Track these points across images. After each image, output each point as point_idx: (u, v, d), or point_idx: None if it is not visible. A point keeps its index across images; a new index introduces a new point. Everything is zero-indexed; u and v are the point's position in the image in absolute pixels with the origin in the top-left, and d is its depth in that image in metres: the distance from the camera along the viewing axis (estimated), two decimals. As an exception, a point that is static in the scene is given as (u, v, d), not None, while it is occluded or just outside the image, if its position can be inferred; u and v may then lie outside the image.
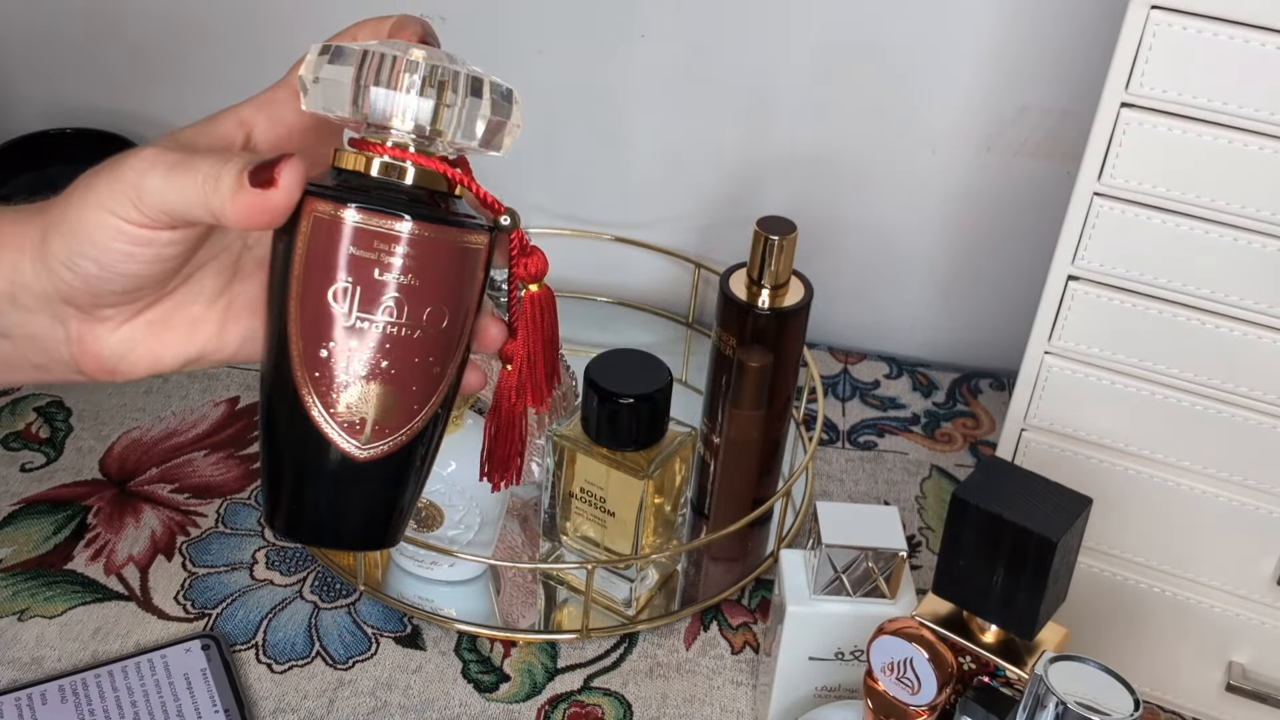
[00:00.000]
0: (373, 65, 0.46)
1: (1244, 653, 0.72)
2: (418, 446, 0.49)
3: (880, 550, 0.65)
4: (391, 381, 0.47)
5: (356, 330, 0.46)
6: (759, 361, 0.77)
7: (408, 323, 0.47)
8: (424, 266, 0.46)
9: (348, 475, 0.47)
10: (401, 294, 0.46)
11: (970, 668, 0.60)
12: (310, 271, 0.46)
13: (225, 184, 0.45)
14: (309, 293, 0.46)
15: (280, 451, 0.48)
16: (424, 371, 0.48)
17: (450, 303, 0.47)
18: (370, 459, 0.47)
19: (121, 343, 0.50)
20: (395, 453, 0.48)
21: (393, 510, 0.49)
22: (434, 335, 0.47)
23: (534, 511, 0.84)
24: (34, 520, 0.82)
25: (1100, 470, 0.70)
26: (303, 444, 0.47)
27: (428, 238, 0.46)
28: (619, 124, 0.98)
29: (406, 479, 0.49)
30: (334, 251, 0.46)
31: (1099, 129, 0.64)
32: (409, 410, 0.48)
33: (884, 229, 0.99)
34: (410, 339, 0.47)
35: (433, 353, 0.48)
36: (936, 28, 0.90)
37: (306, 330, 0.46)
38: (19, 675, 0.72)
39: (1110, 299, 0.67)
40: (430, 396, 0.48)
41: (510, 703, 0.73)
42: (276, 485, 0.49)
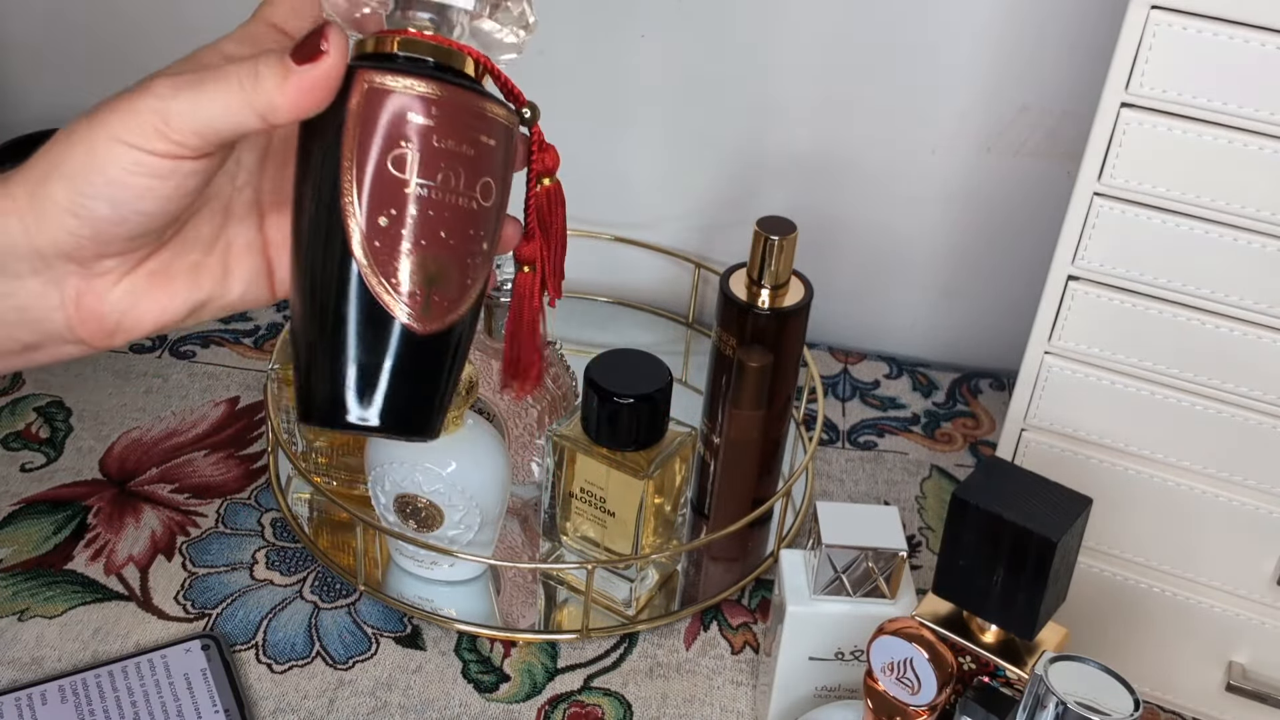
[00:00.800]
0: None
1: (1244, 653, 0.72)
2: (465, 326, 0.48)
3: (880, 550, 0.65)
4: (449, 252, 0.46)
5: (418, 197, 0.46)
6: (759, 361, 0.77)
7: (464, 191, 0.46)
8: (473, 135, 0.46)
9: (406, 349, 0.46)
10: (456, 161, 0.46)
11: (970, 668, 0.60)
12: (366, 141, 0.45)
13: (268, 76, 0.43)
14: (368, 161, 0.45)
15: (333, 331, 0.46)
16: (476, 245, 0.47)
17: (497, 178, 0.48)
18: (427, 333, 0.47)
19: (124, 297, 0.48)
20: (448, 330, 0.47)
21: (438, 395, 0.48)
22: (485, 209, 0.47)
23: (534, 511, 0.84)
24: (34, 520, 0.82)
25: (1100, 470, 0.70)
26: (362, 321, 0.46)
27: (475, 107, 0.46)
28: (619, 124, 0.98)
29: (454, 361, 0.48)
30: (392, 119, 0.45)
31: (1099, 129, 0.64)
32: (463, 284, 0.47)
33: (884, 229, 0.99)
34: (467, 209, 0.47)
35: (483, 226, 0.47)
36: (936, 28, 0.90)
37: (368, 199, 0.45)
38: (19, 675, 0.72)
39: (1110, 299, 0.67)
40: (478, 274, 0.48)
41: (510, 703, 0.73)
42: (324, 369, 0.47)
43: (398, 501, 0.75)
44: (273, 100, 0.43)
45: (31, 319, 0.48)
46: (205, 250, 0.50)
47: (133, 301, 0.48)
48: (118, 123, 0.44)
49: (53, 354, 0.49)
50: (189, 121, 0.44)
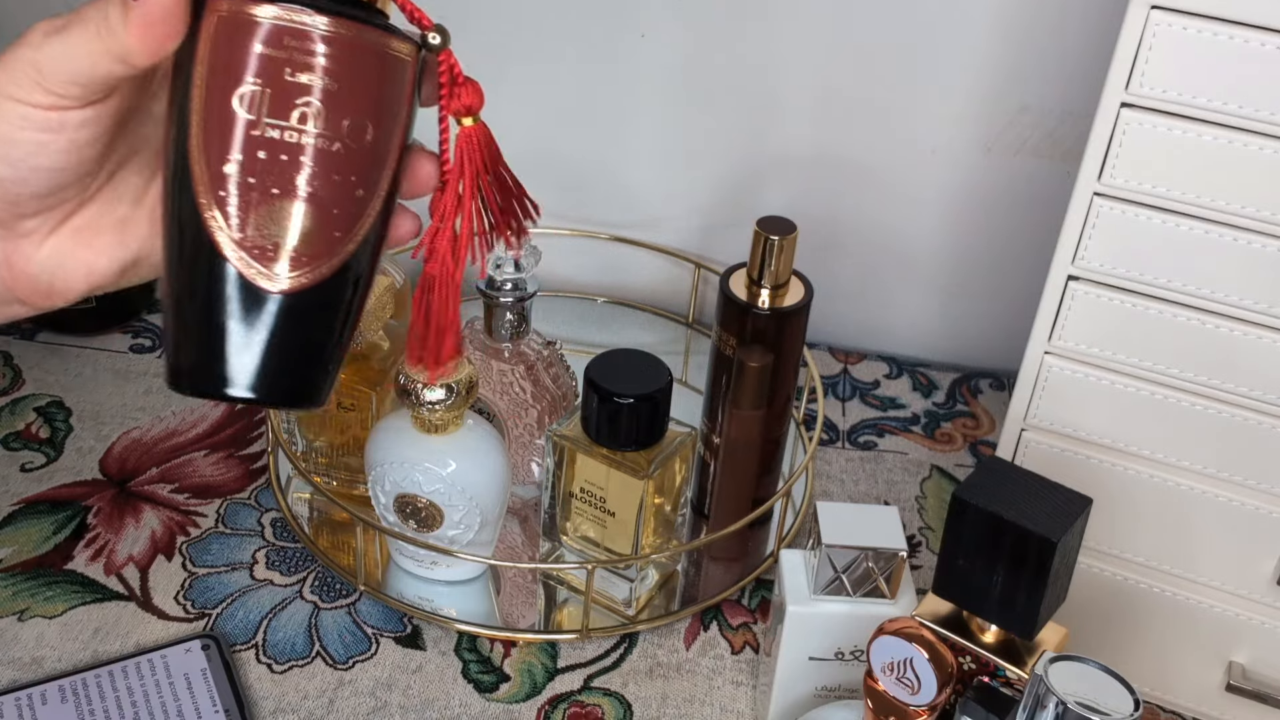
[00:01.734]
0: None
1: (1244, 652, 0.72)
2: (341, 283, 0.43)
3: (880, 550, 0.65)
4: (308, 201, 0.42)
5: (266, 140, 0.41)
6: (759, 361, 0.77)
7: (325, 133, 0.41)
8: (343, 70, 0.41)
9: (261, 311, 0.42)
10: (317, 99, 0.41)
11: (970, 668, 0.60)
12: (214, 75, 0.41)
13: (114, 17, 0.40)
14: (213, 99, 0.41)
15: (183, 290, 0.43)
16: (345, 193, 0.42)
17: (373, 116, 0.42)
18: (286, 292, 0.42)
19: (51, 256, 0.46)
20: (315, 287, 0.42)
21: (315, 359, 0.44)
22: (356, 151, 0.42)
23: (534, 511, 0.84)
24: (34, 520, 0.82)
25: (1100, 470, 0.70)
26: (208, 276, 0.42)
27: (347, 37, 0.41)
28: (619, 124, 0.98)
29: (330, 321, 0.43)
30: (240, 50, 0.41)
31: (1099, 129, 0.64)
32: (329, 238, 0.42)
33: (884, 229, 0.99)
34: (328, 152, 0.42)
35: (355, 171, 0.42)
36: (936, 28, 0.90)
37: (210, 142, 0.41)
38: (19, 675, 0.72)
39: (1110, 299, 0.67)
40: (354, 225, 0.43)
41: (510, 703, 0.73)
42: (181, 333, 0.43)
43: (398, 501, 0.75)
44: (124, 43, 0.41)
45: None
46: (133, 203, 0.47)
47: (60, 261, 0.46)
48: (4, 77, 0.42)
49: (4, 314, 0.48)
50: (60, 71, 0.41)
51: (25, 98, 0.42)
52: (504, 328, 0.81)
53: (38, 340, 0.96)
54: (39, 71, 0.41)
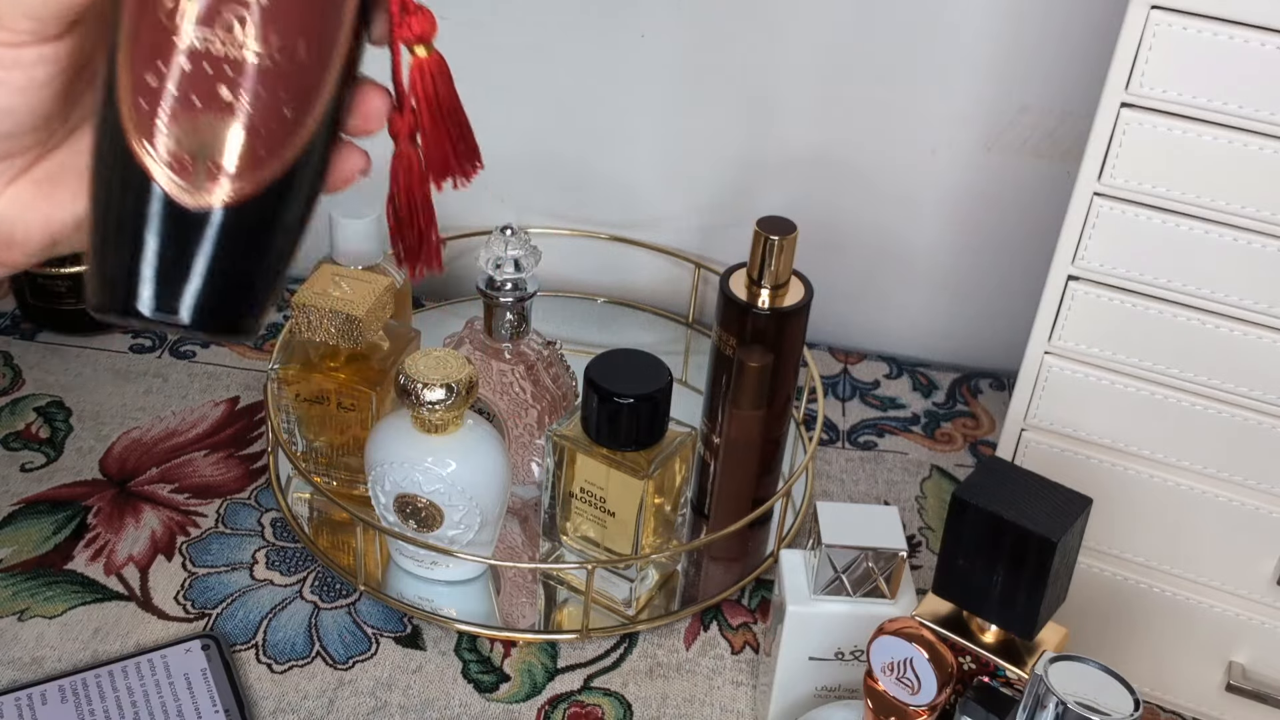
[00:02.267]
0: None
1: (1244, 652, 0.72)
2: (267, 205, 0.41)
3: (880, 550, 0.65)
4: (231, 114, 0.40)
5: (190, 51, 0.39)
6: (759, 361, 0.77)
7: (249, 45, 0.40)
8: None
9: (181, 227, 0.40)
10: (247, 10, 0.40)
11: (970, 668, 0.60)
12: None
13: None
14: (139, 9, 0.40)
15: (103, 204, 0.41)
16: (273, 111, 0.41)
17: (307, 34, 0.41)
18: (203, 207, 0.40)
19: (9, 206, 0.45)
20: (237, 205, 0.41)
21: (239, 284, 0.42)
22: (286, 68, 0.40)
23: (534, 511, 0.84)
24: (34, 520, 0.82)
25: (1100, 470, 0.70)
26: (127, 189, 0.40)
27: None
28: (619, 124, 0.98)
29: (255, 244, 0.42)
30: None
31: (1099, 129, 0.64)
32: (253, 156, 0.41)
33: (884, 229, 0.99)
34: (256, 67, 0.40)
35: (284, 88, 0.41)
36: (936, 28, 0.90)
37: (135, 52, 0.40)
38: (19, 675, 0.72)
39: (1110, 299, 0.67)
40: (282, 144, 0.41)
41: (510, 703, 0.73)
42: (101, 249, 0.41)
43: (398, 501, 0.75)
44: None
45: None
46: None
47: (19, 212, 0.45)
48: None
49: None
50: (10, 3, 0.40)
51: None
52: (504, 328, 0.81)
53: (38, 340, 0.96)
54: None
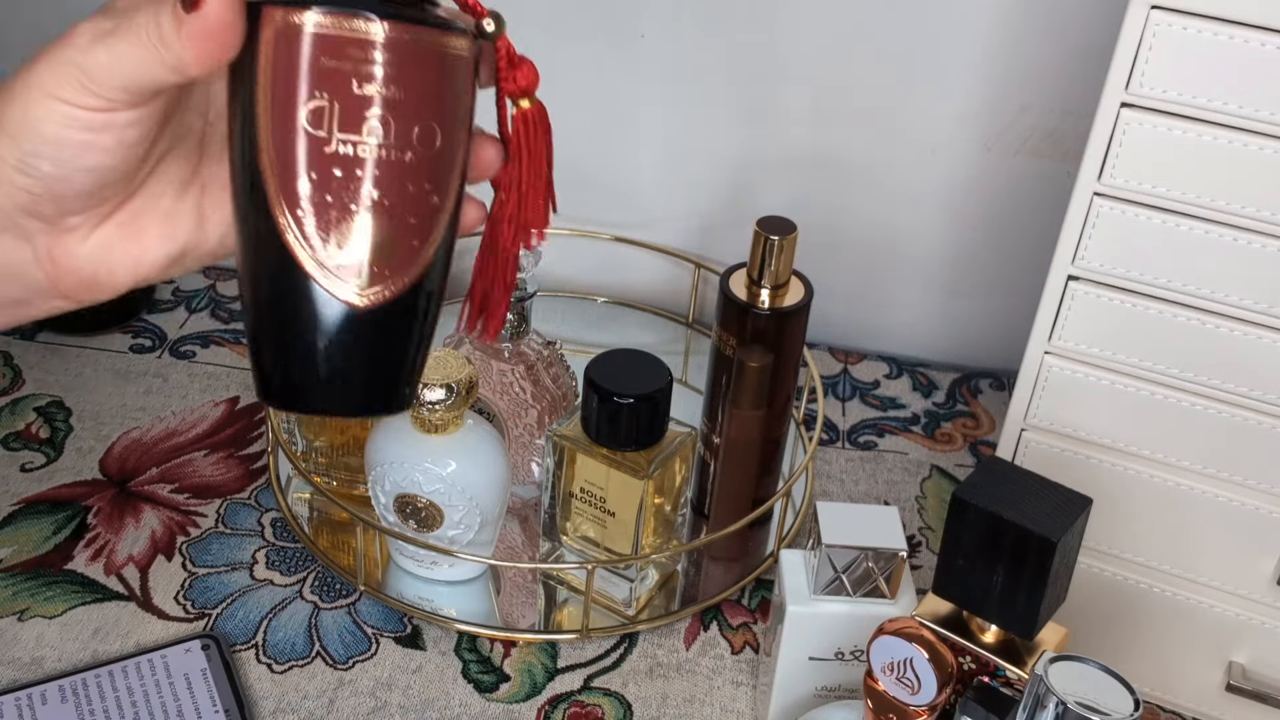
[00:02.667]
0: None
1: (1244, 652, 0.72)
2: (423, 290, 0.43)
3: (880, 550, 0.65)
4: (386, 214, 0.41)
5: (339, 156, 0.41)
6: (759, 361, 0.77)
7: (396, 143, 0.41)
8: (406, 76, 0.41)
9: (347, 327, 0.42)
10: (385, 109, 0.41)
11: (970, 668, 0.60)
12: (279, 90, 0.40)
13: (168, 28, 0.40)
14: (281, 115, 0.40)
15: (268, 310, 0.43)
16: (421, 201, 0.42)
17: (440, 119, 0.42)
18: (371, 306, 0.42)
19: (96, 250, 0.45)
20: (399, 297, 0.42)
21: (401, 366, 0.44)
22: (427, 157, 0.42)
23: (534, 511, 0.84)
24: (34, 520, 0.82)
25: (1100, 470, 0.70)
26: (292, 296, 0.42)
27: (407, 41, 0.41)
28: (619, 124, 0.98)
29: (414, 328, 0.43)
30: (304, 64, 0.40)
31: (1099, 129, 0.64)
32: (409, 248, 0.42)
33: (884, 229, 0.99)
34: (401, 162, 0.41)
35: (428, 178, 0.42)
36: (936, 27, 0.90)
37: (282, 159, 0.41)
38: (19, 675, 0.72)
39: (1110, 299, 0.67)
40: (431, 231, 0.43)
41: (510, 703, 0.73)
42: (267, 349, 0.43)
43: (398, 501, 0.75)
44: (178, 54, 0.40)
45: (12, 275, 0.46)
46: (178, 195, 0.47)
47: (104, 255, 0.46)
48: (48, 75, 0.41)
49: (44, 309, 0.47)
50: (110, 77, 0.41)
51: (72, 99, 0.41)
52: (504, 328, 0.81)
53: (38, 340, 0.96)
54: (87, 76, 0.41)
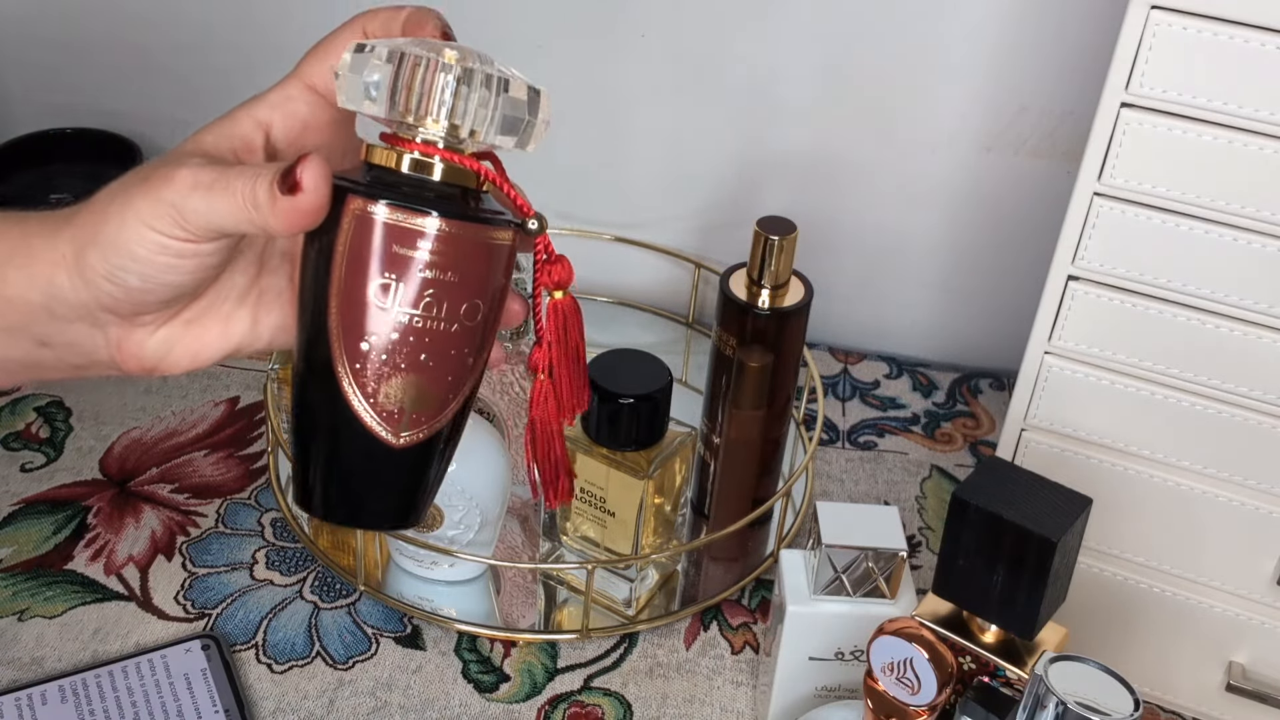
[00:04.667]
0: (408, 64, 0.47)
1: (1244, 653, 0.72)
2: (449, 433, 0.51)
3: (880, 550, 0.65)
4: (428, 373, 0.49)
5: (397, 325, 0.48)
6: (759, 361, 0.77)
7: (445, 317, 0.48)
8: (459, 263, 0.48)
9: (385, 461, 0.50)
10: (439, 290, 0.48)
11: (970, 668, 0.60)
12: (352, 268, 0.48)
13: (263, 199, 0.46)
14: (351, 288, 0.48)
15: (318, 439, 0.50)
16: (459, 363, 0.50)
17: (483, 297, 0.49)
18: (405, 446, 0.49)
19: (161, 343, 0.52)
20: (429, 439, 0.50)
21: (422, 491, 0.52)
22: (468, 328, 0.49)
23: (534, 512, 0.84)
24: (34, 520, 0.82)
25: (1100, 470, 0.70)
26: (342, 432, 0.49)
27: (462, 236, 0.48)
28: (619, 124, 0.98)
29: (435, 462, 0.51)
30: (377, 249, 0.47)
31: (1099, 129, 0.64)
32: (443, 400, 0.50)
33: (884, 229, 0.99)
34: (447, 333, 0.49)
35: (467, 345, 0.50)
36: (937, 27, 0.90)
37: (348, 324, 0.48)
38: (19, 675, 0.72)
39: (1110, 299, 0.67)
40: (462, 385, 0.50)
41: (510, 703, 0.73)
42: (313, 470, 0.50)
43: (398, 501, 0.75)
44: (268, 221, 0.47)
45: (80, 352, 0.52)
46: (238, 301, 0.53)
47: (169, 347, 0.52)
48: (145, 208, 0.47)
49: (100, 374, 0.53)
50: (202, 221, 0.47)
51: (165, 231, 0.47)
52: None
53: (38, 340, 0.96)
54: (181, 216, 0.47)
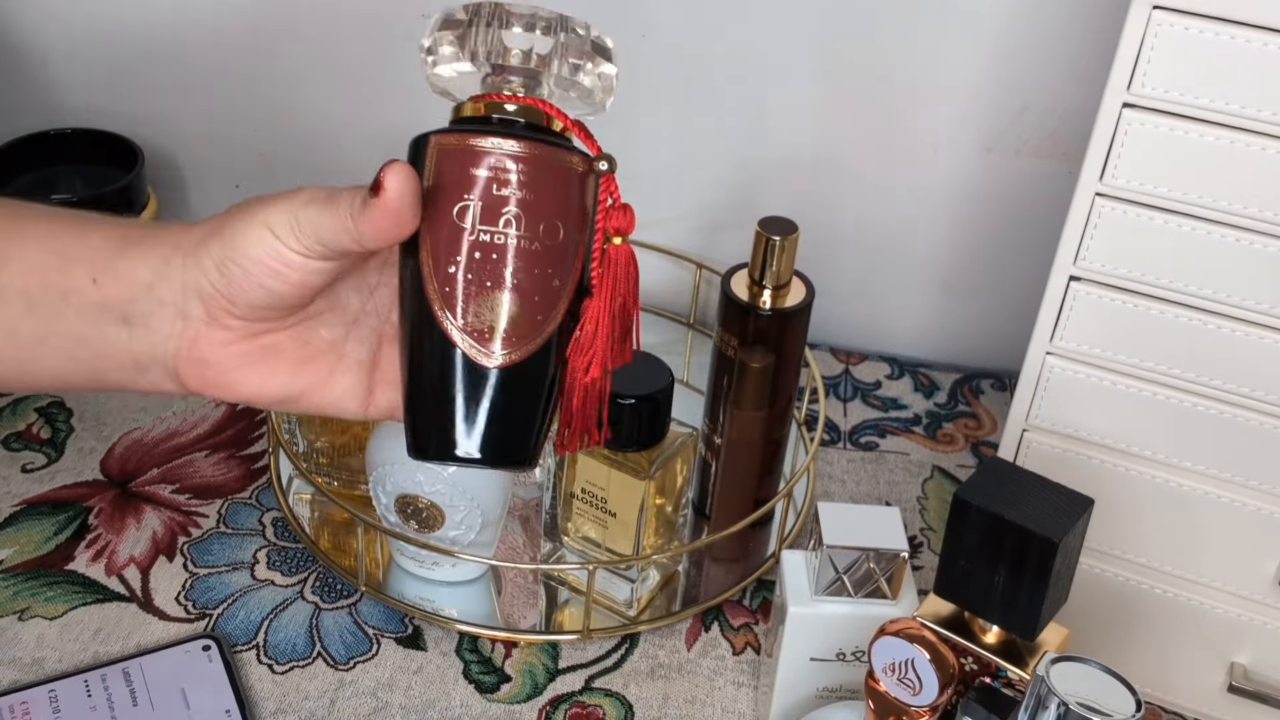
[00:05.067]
0: (484, 14, 0.51)
1: (1245, 653, 0.72)
2: (545, 357, 0.52)
3: (882, 551, 0.65)
4: (515, 291, 0.51)
5: (480, 243, 0.50)
6: (760, 362, 0.77)
7: (525, 234, 0.51)
8: (535, 182, 0.51)
9: (481, 385, 0.51)
10: (518, 208, 0.51)
11: (972, 668, 0.60)
12: (437, 194, 0.51)
13: (357, 208, 0.49)
14: (437, 213, 0.50)
15: (420, 374, 0.52)
16: (544, 283, 0.51)
17: (561, 217, 0.51)
18: (501, 367, 0.51)
19: (232, 358, 0.54)
20: (524, 361, 0.51)
21: (529, 425, 0.52)
22: (550, 248, 0.51)
23: (535, 512, 0.84)
24: (35, 521, 0.82)
25: (1102, 471, 0.70)
26: (438, 357, 0.51)
27: (537, 156, 0.51)
28: (619, 124, 0.98)
29: (539, 391, 0.52)
30: (458, 174, 0.50)
31: (1100, 129, 0.63)
32: (533, 320, 0.51)
33: (885, 229, 0.99)
34: (529, 250, 0.51)
35: (551, 264, 0.51)
36: (937, 27, 0.90)
37: (436, 250, 0.50)
38: (19, 675, 0.72)
39: (1112, 299, 0.67)
40: (552, 308, 0.52)
41: (511, 703, 0.73)
42: (420, 410, 0.52)
43: (399, 502, 0.75)
44: (360, 228, 0.50)
45: (153, 330, 0.54)
46: (319, 351, 0.55)
47: (238, 364, 0.54)
48: (273, 215, 0.51)
49: (154, 382, 0.55)
50: (312, 231, 0.51)
51: (282, 237, 0.51)
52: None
53: (39, 341, 0.96)
54: (298, 224, 0.51)
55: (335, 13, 0.96)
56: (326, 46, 0.97)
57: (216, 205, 0.55)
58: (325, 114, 1.01)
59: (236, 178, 1.04)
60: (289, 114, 1.01)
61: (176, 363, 0.54)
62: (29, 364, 0.55)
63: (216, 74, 1.00)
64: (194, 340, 0.53)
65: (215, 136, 1.03)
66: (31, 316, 0.54)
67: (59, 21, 1.01)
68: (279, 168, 1.04)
